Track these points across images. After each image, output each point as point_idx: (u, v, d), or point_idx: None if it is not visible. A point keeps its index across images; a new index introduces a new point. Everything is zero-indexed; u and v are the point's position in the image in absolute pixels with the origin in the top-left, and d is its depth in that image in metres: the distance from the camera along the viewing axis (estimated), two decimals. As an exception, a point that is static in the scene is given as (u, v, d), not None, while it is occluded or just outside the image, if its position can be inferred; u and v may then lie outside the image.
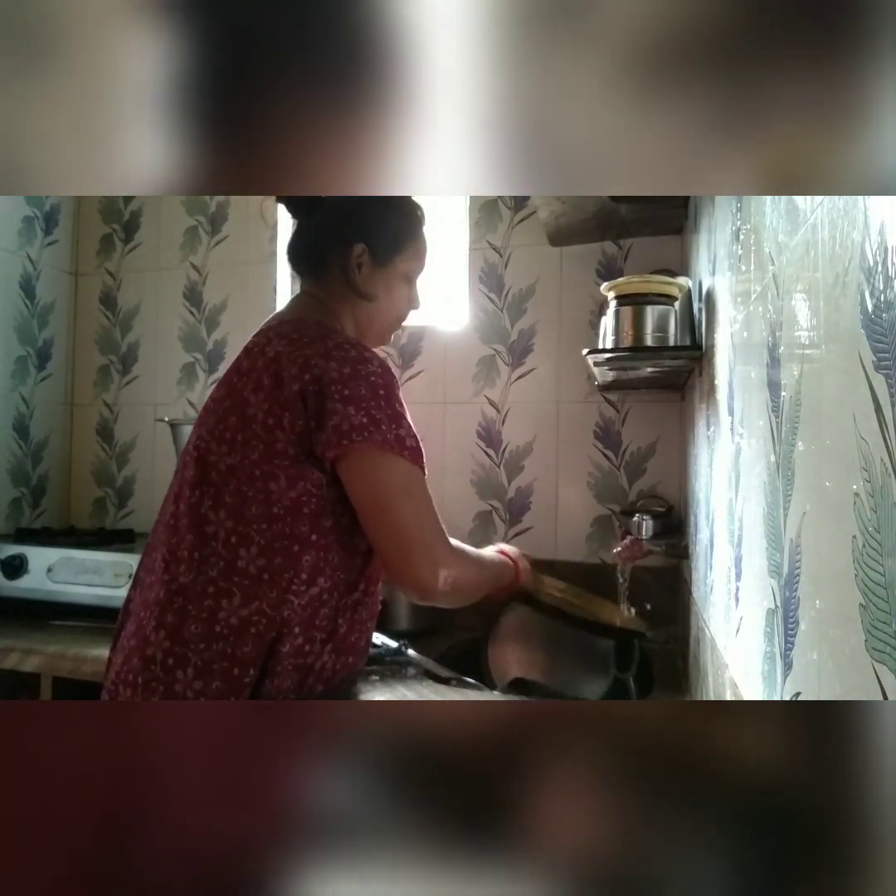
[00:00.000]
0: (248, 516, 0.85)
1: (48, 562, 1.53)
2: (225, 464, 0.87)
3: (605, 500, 1.66)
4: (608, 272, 1.66)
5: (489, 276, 1.76)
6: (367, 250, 0.98)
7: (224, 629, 0.83)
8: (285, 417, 0.85)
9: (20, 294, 1.89)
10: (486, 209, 1.76)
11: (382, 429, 0.85)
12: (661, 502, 1.58)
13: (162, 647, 0.84)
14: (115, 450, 2.02)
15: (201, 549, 0.85)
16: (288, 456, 0.85)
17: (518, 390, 1.73)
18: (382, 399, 0.86)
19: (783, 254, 0.58)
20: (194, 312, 1.98)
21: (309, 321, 0.94)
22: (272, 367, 0.87)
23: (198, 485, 0.88)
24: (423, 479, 0.89)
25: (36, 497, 1.94)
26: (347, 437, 0.83)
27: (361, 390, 0.85)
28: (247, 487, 0.85)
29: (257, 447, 0.85)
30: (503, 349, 1.74)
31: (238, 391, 0.89)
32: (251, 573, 0.84)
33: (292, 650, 0.85)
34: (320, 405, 0.84)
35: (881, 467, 0.35)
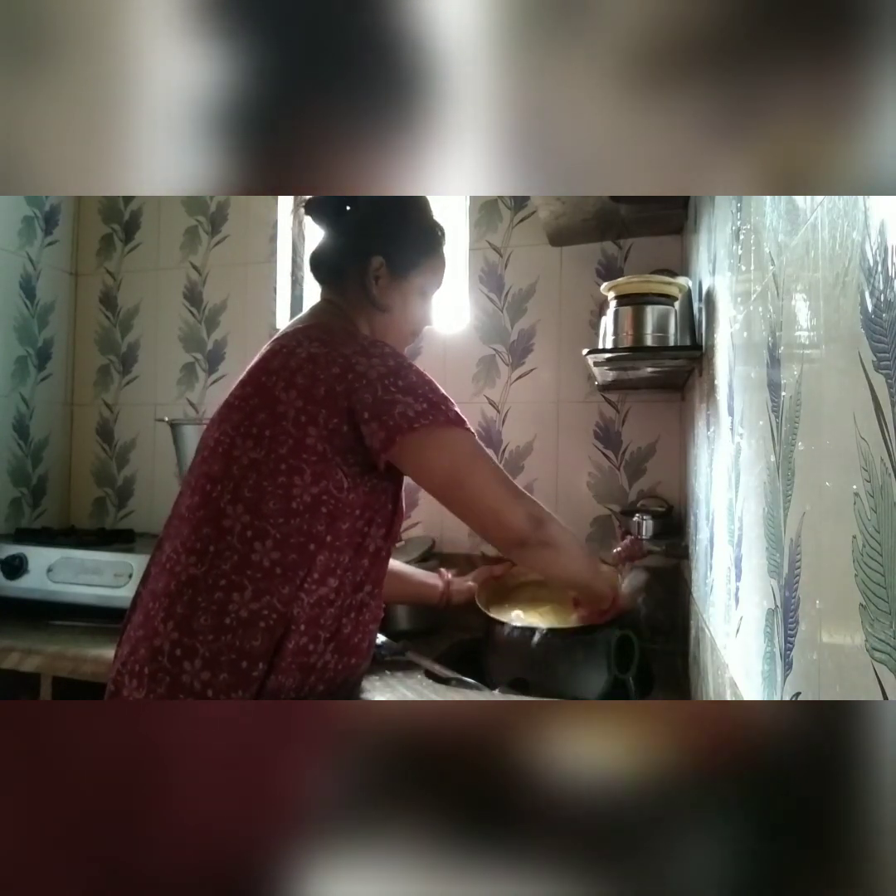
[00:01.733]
0: (266, 511, 0.86)
1: (48, 562, 1.53)
2: (248, 458, 0.88)
3: (605, 500, 1.66)
4: (608, 272, 1.66)
5: (489, 276, 1.76)
6: (384, 263, 1.02)
7: (233, 622, 0.84)
8: (321, 414, 0.88)
9: (20, 294, 1.89)
10: (486, 209, 1.76)
11: (443, 409, 0.90)
12: (661, 502, 1.58)
13: (170, 638, 0.84)
14: (115, 450, 2.02)
15: (217, 542, 0.86)
16: (317, 452, 0.87)
17: (518, 390, 1.73)
18: (430, 384, 0.92)
19: (783, 254, 0.58)
20: (194, 312, 1.98)
21: (334, 326, 0.98)
22: (306, 367, 0.90)
23: (218, 479, 0.89)
24: (482, 445, 0.97)
25: (36, 497, 1.94)
26: (416, 421, 0.87)
27: (413, 379, 0.90)
28: (267, 482, 0.87)
29: (286, 441, 0.87)
30: (503, 349, 1.74)
31: (268, 389, 0.91)
32: (265, 567, 0.85)
33: (297, 648, 0.86)
34: (375, 399, 0.87)
35: (881, 467, 0.35)
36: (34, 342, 1.93)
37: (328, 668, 0.90)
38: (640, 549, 1.34)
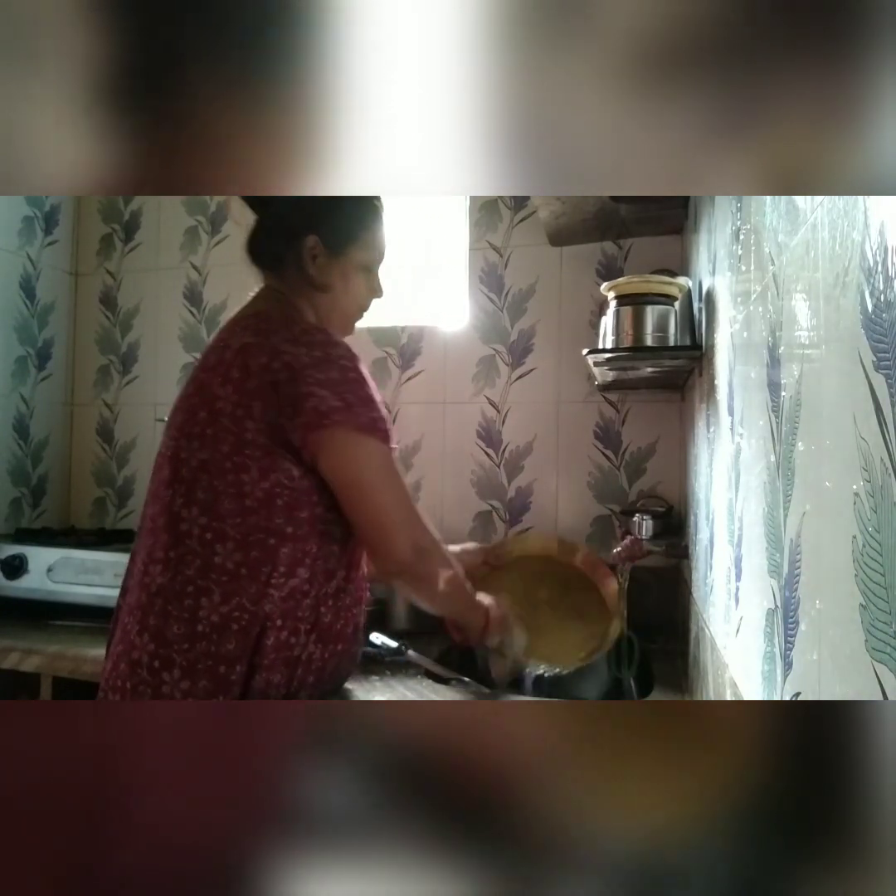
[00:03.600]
0: (222, 511, 0.84)
1: (48, 562, 1.53)
2: (196, 459, 0.86)
3: (605, 500, 1.66)
4: (608, 272, 1.66)
5: (489, 276, 1.76)
6: (320, 241, 0.96)
7: (206, 628, 0.83)
8: (255, 406, 0.85)
9: (20, 294, 1.89)
10: (486, 209, 1.76)
11: (357, 411, 0.86)
12: (661, 502, 1.58)
13: (147, 650, 0.83)
14: (115, 450, 2.02)
15: (177, 548, 0.85)
16: (259, 446, 0.85)
17: (518, 390, 1.73)
18: (354, 382, 0.87)
19: (783, 254, 0.58)
20: (194, 312, 1.98)
21: (272, 312, 0.94)
22: (239, 358, 0.87)
23: (171, 484, 0.88)
24: (396, 461, 0.91)
25: (36, 497, 1.94)
26: (326, 418, 0.84)
27: (334, 374, 0.86)
28: (218, 482, 0.85)
29: (227, 439, 0.85)
30: (503, 349, 1.74)
31: (206, 386, 0.88)
32: (229, 569, 0.84)
33: (277, 643, 0.85)
34: (294, 391, 0.84)
35: (881, 467, 0.35)
36: (34, 342, 1.93)
37: (314, 658, 0.88)
38: (640, 549, 1.34)
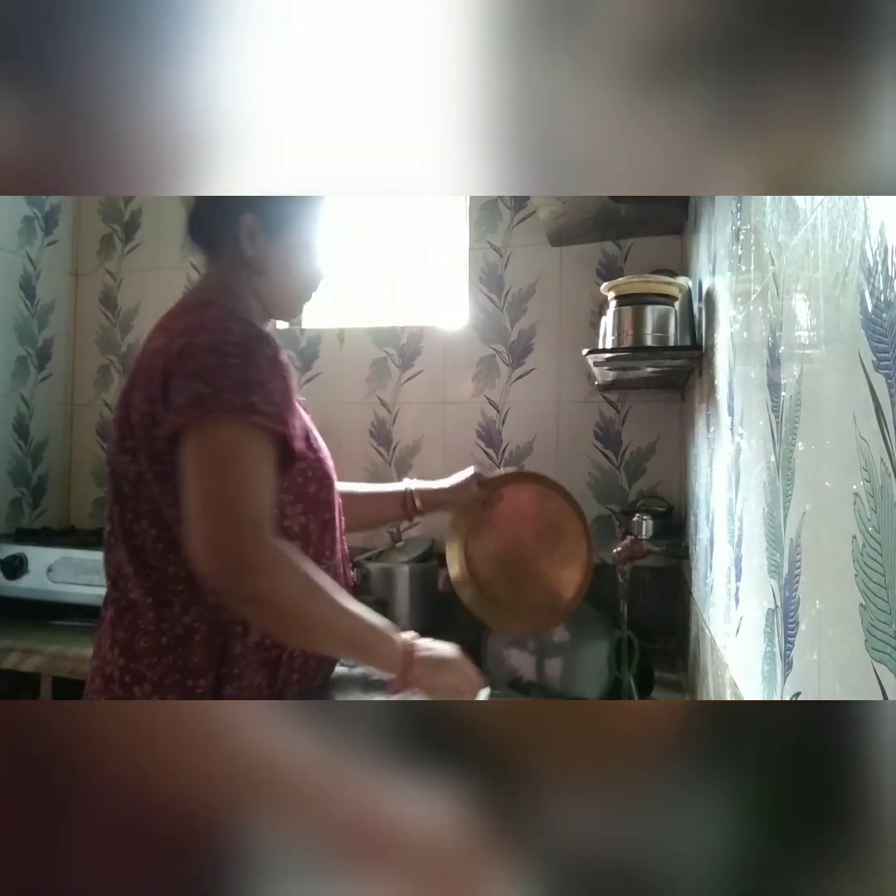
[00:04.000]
0: (169, 520, 0.81)
1: (48, 562, 1.53)
2: (132, 472, 0.82)
3: (605, 500, 1.66)
4: (608, 272, 1.66)
5: (489, 276, 1.76)
6: (257, 219, 0.89)
7: (170, 640, 0.81)
8: (158, 412, 0.79)
9: (20, 294, 1.89)
10: (486, 209, 1.76)
11: (230, 396, 0.75)
12: (661, 502, 1.58)
13: (118, 665, 0.82)
14: (115, 450, 2.02)
15: (134, 562, 0.83)
16: (169, 451, 0.78)
17: (518, 390, 1.73)
18: (235, 368, 0.76)
19: (783, 254, 0.58)
20: (194, 312, 1.97)
21: (191, 302, 0.88)
22: (143, 362, 0.83)
23: (117, 500, 0.85)
24: (266, 456, 0.76)
25: (36, 497, 1.94)
26: (190, 407, 0.75)
27: (208, 362, 0.76)
28: (157, 491, 0.81)
29: (144, 449, 0.81)
30: (503, 349, 1.74)
31: (126, 397, 0.84)
32: (183, 578, 0.81)
33: (245, 650, 0.82)
34: (172, 385, 0.77)
35: (881, 467, 0.35)
36: (34, 342, 1.93)
37: (295, 656, 0.86)
38: (640, 549, 1.34)
